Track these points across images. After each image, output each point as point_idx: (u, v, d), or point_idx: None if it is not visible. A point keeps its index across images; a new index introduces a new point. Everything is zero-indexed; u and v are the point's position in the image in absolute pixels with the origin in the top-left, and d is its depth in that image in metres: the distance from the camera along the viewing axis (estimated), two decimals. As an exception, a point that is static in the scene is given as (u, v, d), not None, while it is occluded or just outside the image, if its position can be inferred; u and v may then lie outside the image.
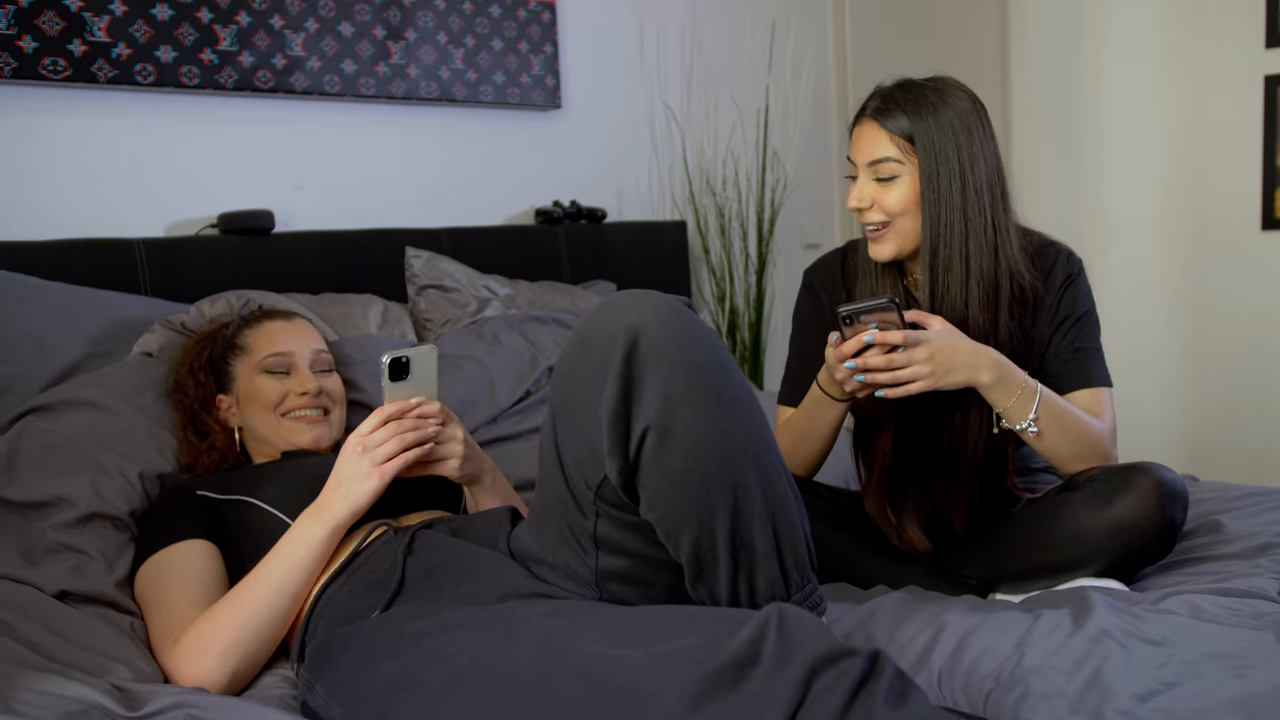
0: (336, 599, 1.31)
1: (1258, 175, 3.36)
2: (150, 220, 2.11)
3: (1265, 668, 1.10)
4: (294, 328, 1.75)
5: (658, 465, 1.07)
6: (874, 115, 1.56)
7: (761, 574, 1.09)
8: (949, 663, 1.21)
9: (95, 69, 1.96)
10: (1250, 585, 1.40)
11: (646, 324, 1.07)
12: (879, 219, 1.57)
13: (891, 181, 1.55)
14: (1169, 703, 1.05)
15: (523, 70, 2.60)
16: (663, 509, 1.08)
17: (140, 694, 1.20)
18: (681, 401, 1.06)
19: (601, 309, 1.13)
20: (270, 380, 1.67)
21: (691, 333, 1.09)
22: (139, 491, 1.60)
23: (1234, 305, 3.45)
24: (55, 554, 1.46)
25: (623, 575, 1.17)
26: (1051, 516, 1.54)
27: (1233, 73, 3.38)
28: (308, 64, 2.24)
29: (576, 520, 1.16)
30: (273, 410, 1.65)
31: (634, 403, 1.07)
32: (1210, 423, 3.52)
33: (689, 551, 1.09)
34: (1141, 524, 1.46)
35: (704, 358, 1.09)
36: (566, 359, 1.15)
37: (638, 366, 1.06)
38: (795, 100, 3.18)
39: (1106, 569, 1.50)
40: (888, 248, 1.59)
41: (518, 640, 1.03)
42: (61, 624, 1.34)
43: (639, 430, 1.06)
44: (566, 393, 1.14)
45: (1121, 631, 1.23)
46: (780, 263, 3.20)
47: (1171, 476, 1.48)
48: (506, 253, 2.54)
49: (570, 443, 1.14)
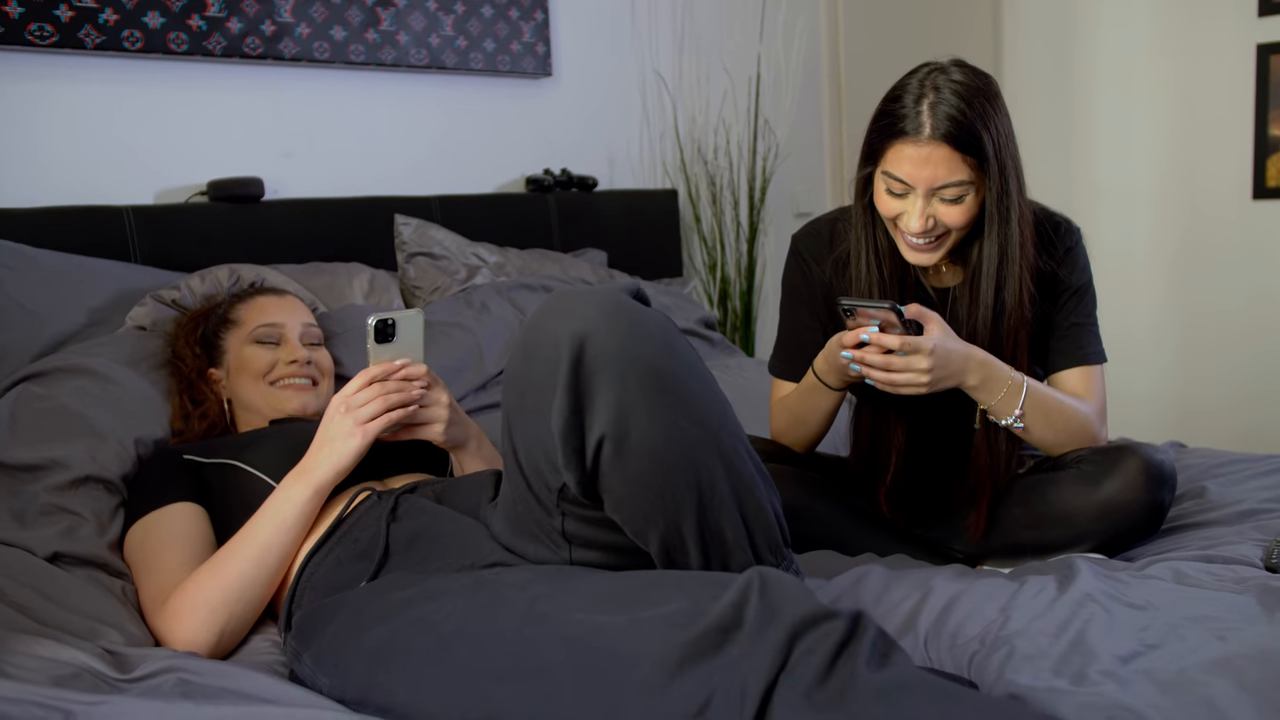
0: (322, 567, 1.31)
1: (1249, 145, 3.36)
2: (139, 187, 2.10)
3: (1246, 630, 1.11)
4: (284, 302, 1.77)
5: (617, 473, 1.04)
6: (945, 140, 1.41)
7: (734, 561, 1.08)
8: (935, 625, 1.22)
9: (82, 35, 1.95)
10: (1234, 551, 1.42)
11: (591, 329, 1.03)
12: (935, 233, 1.48)
13: (960, 201, 1.45)
14: (1151, 664, 1.07)
15: (513, 37, 2.58)
16: (628, 512, 1.07)
17: (131, 657, 1.21)
18: (635, 407, 1.03)
19: (545, 313, 1.09)
20: (260, 349, 1.69)
21: (639, 331, 1.05)
22: (133, 456, 1.60)
23: (1225, 275, 3.45)
24: (48, 515, 1.47)
25: (600, 565, 1.15)
26: (1039, 496, 1.55)
27: (1225, 41, 3.37)
28: (297, 30, 2.22)
29: (544, 519, 1.14)
30: (262, 378, 1.67)
31: (586, 412, 1.04)
32: (1200, 394, 3.54)
33: (658, 549, 1.08)
34: (1129, 505, 1.47)
35: (654, 357, 1.05)
36: (514, 363, 1.12)
37: (586, 375, 1.03)
38: (787, 68, 3.17)
39: (1093, 548, 1.51)
40: (937, 255, 1.51)
41: (502, 605, 1.04)
42: (52, 587, 1.35)
43: (594, 440, 1.04)
44: (517, 401, 1.11)
45: (1105, 595, 1.25)
46: (771, 231, 3.20)
47: (1160, 458, 1.48)
48: (497, 221, 2.54)
49: (526, 449, 1.11)
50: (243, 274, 1.97)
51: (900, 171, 1.44)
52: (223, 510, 1.46)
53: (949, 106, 1.41)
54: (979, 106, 1.42)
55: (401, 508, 1.35)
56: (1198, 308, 3.51)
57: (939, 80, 1.44)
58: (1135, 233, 3.51)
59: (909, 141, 1.42)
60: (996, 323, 1.54)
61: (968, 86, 1.43)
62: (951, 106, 1.41)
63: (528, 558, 1.19)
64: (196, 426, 1.68)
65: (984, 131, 1.41)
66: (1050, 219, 1.64)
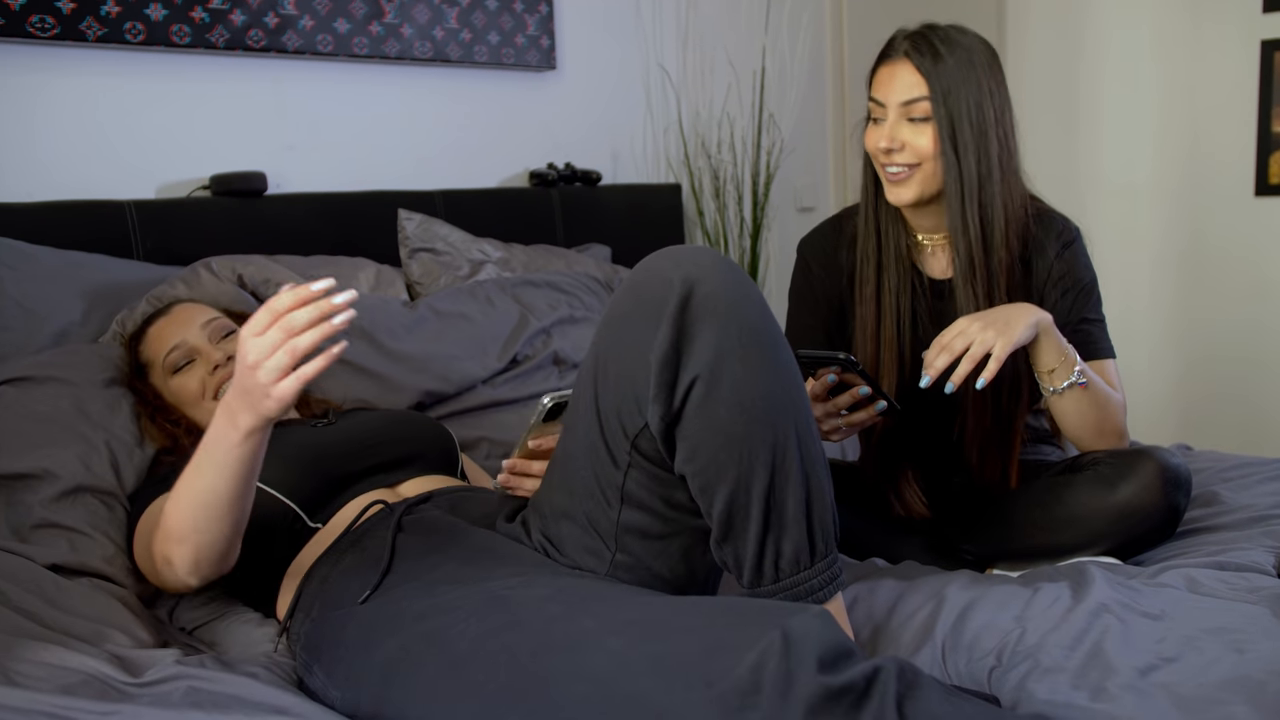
0: (331, 577, 1.29)
1: (1252, 140, 3.36)
2: (141, 181, 2.08)
3: (1263, 644, 1.11)
4: (173, 316, 1.67)
5: (702, 415, 1.07)
6: (908, 55, 1.53)
7: (789, 538, 1.08)
8: (951, 636, 1.21)
9: (84, 27, 1.93)
10: (1246, 558, 1.41)
11: (704, 275, 1.07)
12: (907, 161, 1.54)
13: (925, 123, 1.52)
14: (1169, 677, 1.06)
15: (518, 30, 2.56)
16: (703, 461, 1.08)
17: (139, 660, 1.20)
18: (732, 355, 1.06)
19: (657, 257, 1.13)
20: (181, 377, 1.61)
21: (746, 291, 1.10)
22: (130, 464, 1.57)
23: (1226, 270, 3.45)
24: (43, 530, 1.45)
25: (643, 531, 1.16)
26: (1054, 498, 1.54)
27: (1230, 37, 3.36)
28: (300, 23, 2.20)
29: (606, 471, 1.14)
30: (201, 401, 1.60)
31: (684, 351, 1.06)
32: (1200, 387, 3.54)
33: (722, 507, 1.08)
34: (1145, 509, 1.46)
35: (756, 317, 1.09)
36: (618, 304, 1.14)
37: (692, 316, 1.06)
38: (792, 62, 3.15)
39: (1107, 552, 1.50)
40: (910, 191, 1.56)
41: (516, 628, 1.02)
42: (57, 593, 1.34)
43: (687, 379, 1.06)
44: (614, 338, 1.13)
45: (1119, 605, 1.24)
46: (775, 226, 3.18)
47: (1176, 461, 1.48)
48: (500, 215, 2.52)
49: (611, 389, 1.12)
50: (236, 266, 1.96)
51: (877, 91, 1.57)
52: None
53: (920, 33, 1.55)
54: (949, 38, 1.53)
55: (410, 518, 1.33)
56: (1200, 303, 3.51)
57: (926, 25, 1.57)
58: (1138, 228, 3.51)
59: (884, 63, 1.57)
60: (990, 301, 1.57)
61: (949, 31, 1.55)
62: (922, 34, 1.55)
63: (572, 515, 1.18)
64: (185, 440, 1.61)
65: (950, 57, 1.51)
66: (1048, 214, 1.65)
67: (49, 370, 1.65)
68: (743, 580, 1.11)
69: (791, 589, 1.09)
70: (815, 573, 1.09)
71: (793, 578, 1.09)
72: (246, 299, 1.91)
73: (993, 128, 1.53)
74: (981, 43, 1.57)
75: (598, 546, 1.17)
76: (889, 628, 1.27)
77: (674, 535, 1.17)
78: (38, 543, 1.43)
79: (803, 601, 1.09)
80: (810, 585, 1.09)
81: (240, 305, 1.87)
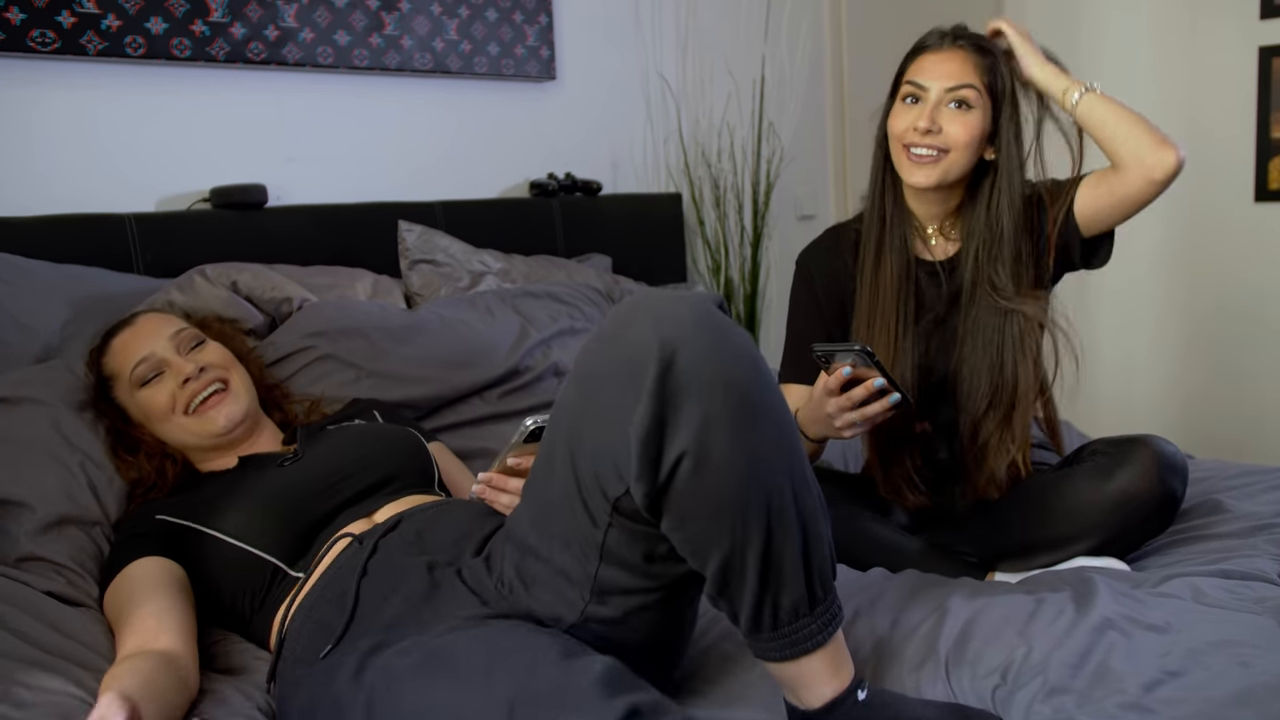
0: (304, 630, 1.25)
1: (1251, 147, 3.36)
2: (141, 194, 2.08)
3: (1268, 657, 1.11)
4: (138, 328, 1.60)
5: (692, 490, 1.01)
6: (961, 45, 1.59)
7: (787, 593, 1.05)
8: (955, 651, 1.21)
9: (85, 41, 1.93)
10: (1250, 567, 1.42)
11: (684, 339, 1.00)
12: (938, 145, 1.57)
13: (967, 112, 1.57)
14: (1175, 693, 1.06)
15: (517, 41, 2.57)
16: (692, 530, 1.03)
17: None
18: (719, 424, 1.00)
19: (633, 310, 1.05)
20: (150, 390, 1.55)
21: (731, 348, 1.02)
22: (110, 490, 1.54)
23: (1226, 277, 3.45)
24: (31, 563, 1.41)
25: (622, 588, 1.11)
26: (1052, 491, 1.56)
27: (1228, 43, 3.36)
28: (300, 35, 2.20)
29: (584, 529, 1.10)
30: (171, 416, 1.54)
31: (669, 425, 1.00)
32: (1199, 393, 3.54)
33: (716, 570, 1.04)
34: (1142, 496, 1.48)
35: (743, 377, 1.02)
36: (591, 360, 1.07)
37: (673, 388, 0.99)
38: (791, 71, 3.15)
39: (1106, 543, 1.51)
40: (933, 175, 1.58)
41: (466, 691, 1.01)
42: (55, 616, 1.31)
43: (673, 455, 1.00)
44: (589, 400, 1.06)
45: (1124, 618, 1.24)
46: (775, 235, 3.18)
47: (1171, 449, 1.51)
48: (501, 226, 2.52)
49: (589, 454, 1.06)
50: (231, 274, 1.95)
51: (920, 75, 1.59)
52: (205, 576, 1.39)
53: (967, 31, 1.62)
54: (994, 48, 1.61)
55: (376, 557, 1.29)
56: (1199, 310, 3.51)
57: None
58: (1137, 234, 3.49)
59: (930, 51, 1.61)
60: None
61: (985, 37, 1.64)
62: (970, 33, 1.62)
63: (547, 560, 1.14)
64: (149, 470, 1.55)
65: (996, 54, 1.59)
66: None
67: (23, 390, 1.59)
68: (740, 629, 1.09)
69: (790, 636, 1.07)
70: (814, 619, 1.07)
71: (791, 626, 1.06)
72: (241, 304, 1.90)
73: (1020, 130, 1.61)
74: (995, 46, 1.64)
75: (572, 597, 1.13)
76: (891, 643, 1.27)
77: (653, 589, 1.13)
78: (31, 573, 1.40)
79: (802, 646, 1.07)
80: (809, 632, 1.07)
81: (233, 310, 1.87)
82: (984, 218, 1.62)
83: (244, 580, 1.37)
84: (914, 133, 1.57)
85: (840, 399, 1.43)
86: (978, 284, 1.62)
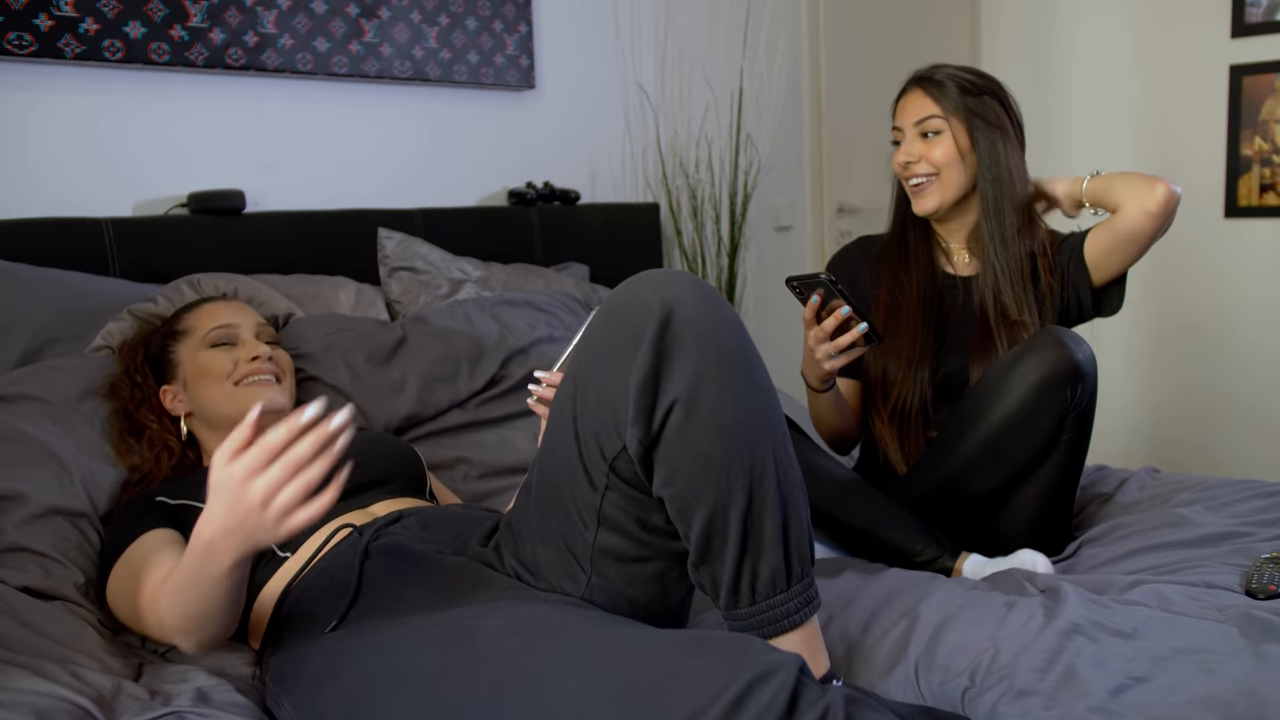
0: (300, 606, 1.28)
1: (1221, 164, 3.41)
2: (118, 199, 2.07)
3: (1231, 664, 1.13)
4: (234, 305, 1.74)
5: (681, 439, 1.08)
6: (918, 84, 1.83)
7: (766, 561, 1.09)
8: (925, 655, 1.23)
9: (62, 44, 1.92)
10: (1214, 577, 1.44)
11: (682, 299, 1.09)
12: (926, 171, 1.80)
13: (936, 137, 1.79)
14: (1140, 698, 1.08)
15: (497, 50, 2.58)
16: (681, 484, 1.09)
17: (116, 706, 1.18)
18: (710, 379, 1.08)
19: (634, 283, 1.14)
20: (217, 353, 1.64)
21: (724, 314, 1.12)
22: (103, 484, 1.56)
23: (1195, 292, 3.50)
24: (15, 554, 1.43)
25: (618, 554, 1.16)
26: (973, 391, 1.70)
27: (1199, 62, 3.42)
28: (280, 41, 2.21)
29: (584, 493, 1.15)
30: (225, 380, 1.62)
31: (664, 375, 1.08)
32: (1170, 409, 3.58)
33: (700, 530, 1.09)
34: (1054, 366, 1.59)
35: (734, 339, 1.11)
36: (596, 331, 1.15)
37: (671, 340, 1.08)
38: (769, 83, 3.18)
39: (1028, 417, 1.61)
40: (932, 200, 1.81)
41: (477, 664, 1.02)
42: (29, 614, 1.33)
43: (666, 403, 1.08)
44: (593, 363, 1.14)
45: (1092, 624, 1.26)
46: (752, 246, 3.20)
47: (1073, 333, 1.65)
48: (479, 234, 2.53)
49: (590, 413, 1.13)
50: (219, 283, 1.95)
51: (897, 119, 1.86)
52: None
53: (929, 69, 1.84)
54: (957, 75, 1.81)
55: (378, 543, 1.32)
56: (1169, 325, 3.55)
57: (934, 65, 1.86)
58: (1110, 250, 3.55)
59: (901, 98, 1.86)
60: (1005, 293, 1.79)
61: (953, 68, 1.83)
62: (930, 69, 1.84)
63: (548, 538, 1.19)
64: (147, 458, 1.60)
65: (951, 84, 1.79)
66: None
67: (19, 387, 1.64)
68: (719, 603, 1.12)
69: (768, 612, 1.10)
70: (791, 595, 1.10)
71: (769, 600, 1.10)
72: None
73: (1000, 138, 1.79)
74: (981, 75, 1.83)
75: (574, 569, 1.18)
76: (863, 647, 1.28)
77: (649, 559, 1.17)
78: (10, 566, 1.41)
79: (779, 624, 1.10)
80: (786, 609, 1.10)
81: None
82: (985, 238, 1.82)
83: None
84: (904, 168, 1.83)
85: (816, 329, 1.62)
86: (986, 305, 1.80)
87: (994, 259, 1.80)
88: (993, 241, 1.80)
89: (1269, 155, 3.32)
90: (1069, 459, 1.68)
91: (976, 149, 1.79)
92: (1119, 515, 1.81)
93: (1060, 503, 1.72)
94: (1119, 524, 1.73)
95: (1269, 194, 3.34)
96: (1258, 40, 3.31)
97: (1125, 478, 1.99)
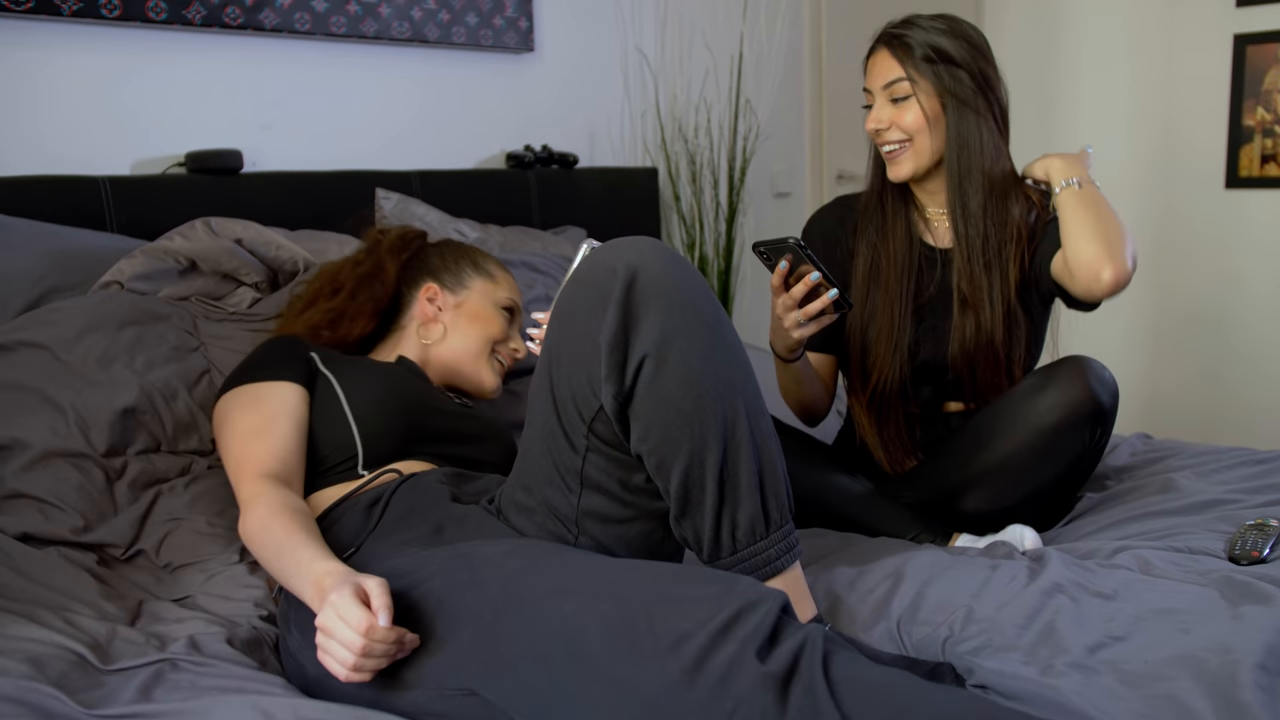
0: (329, 533, 1.33)
1: (1224, 133, 3.40)
2: (116, 158, 2.08)
3: (1208, 625, 1.14)
4: (514, 282, 1.85)
5: (654, 393, 1.11)
6: (885, 44, 1.69)
7: (744, 510, 1.12)
8: (908, 611, 1.24)
9: (59, 1, 1.92)
10: (1198, 542, 1.45)
11: (646, 262, 1.13)
12: (898, 138, 1.69)
13: (905, 101, 1.67)
14: (1117, 655, 1.10)
15: (496, 12, 2.57)
16: (656, 438, 1.12)
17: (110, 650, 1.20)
18: (678, 334, 1.11)
19: (599, 251, 1.18)
20: (502, 319, 1.76)
21: (688, 274, 1.15)
22: (99, 423, 1.56)
23: (1195, 262, 3.50)
24: (15, 500, 1.45)
25: (603, 516, 1.20)
26: (989, 411, 1.63)
27: (1203, 31, 3.40)
28: (278, 1, 2.20)
29: (565, 457, 1.19)
30: (489, 342, 1.73)
31: (632, 332, 1.11)
32: (1169, 380, 3.59)
33: (678, 482, 1.12)
34: (1073, 404, 1.53)
35: (699, 297, 1.14)
36: (565, 298, 1.19)
37: (637, 299, 1.11)
38: (770, 49, 3.16)
39: (1044, 456, 1.56)
40: (906, 166, 1.70)
41: (478, 586, 1.07)
42: (25, 561, 1.35)
43: (636, 358, 1.11)
44: (564, 327, 1.18)
45: (1073, 584, 1.28)
46: (751, 211, 3.20)
47: (1099, 365, 1.57)
48: (477, 196, 2.53)
49: (565, 375, 1.17)
50: (235, 229, 1.94)
51: (866, 81, 1.73)
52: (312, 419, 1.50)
53: (896, 24, 1.70)
54: (927, 27, 1.67)
55: (408, 483, 1.39)
56: (1169, 295, 3.55)
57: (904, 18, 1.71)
58: (1109, 219, 3.54)
59: (868, 58, 1.73)
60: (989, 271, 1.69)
61: (922, 19, 1.68)
62: (898, 24, 1.70)
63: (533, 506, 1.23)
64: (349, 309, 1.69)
65: (916, 43, 1.66)
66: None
67: (19, 335, 1.64)
68: (702, 554, 1.15)
69: (749, 559, 1.13)
70: (771, 543, 1.13)
71: (750, 548, 1.13)
72: (243, 255, 1.91)
73: (973, 98, 1.66)
74: (954, 23, 1.68)
75: (560, 531, 1.22)
76: (847, 603, 1.30)
77: (633, 519, 1.21)
78: (9, 513, 1.43)
79: (761, 571, 1.13)
80: (767, 555, 1.13)
81: (235, 260, 1.88)
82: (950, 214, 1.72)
83: (330, 447, 1.48)
84: (876, 134, 1.72)
85: (784, 297, 1.52)
86: (961, 275, 1.70)
87: (959, 236, 1.70)
88: (957, 218, 1.70)
89: (1271, 126, 3.31)
90: (1076, 480, 1.66)
91: (946, 115, 1.67)
92: (1110, 480, 1.82)
93: (1060, 507, 1.72)
94: (1109, 494, 1.74)
95: (1270, 165, 3.33)
96: (1262, 10, 3.29)
97: (1117, 443, 2.00)
